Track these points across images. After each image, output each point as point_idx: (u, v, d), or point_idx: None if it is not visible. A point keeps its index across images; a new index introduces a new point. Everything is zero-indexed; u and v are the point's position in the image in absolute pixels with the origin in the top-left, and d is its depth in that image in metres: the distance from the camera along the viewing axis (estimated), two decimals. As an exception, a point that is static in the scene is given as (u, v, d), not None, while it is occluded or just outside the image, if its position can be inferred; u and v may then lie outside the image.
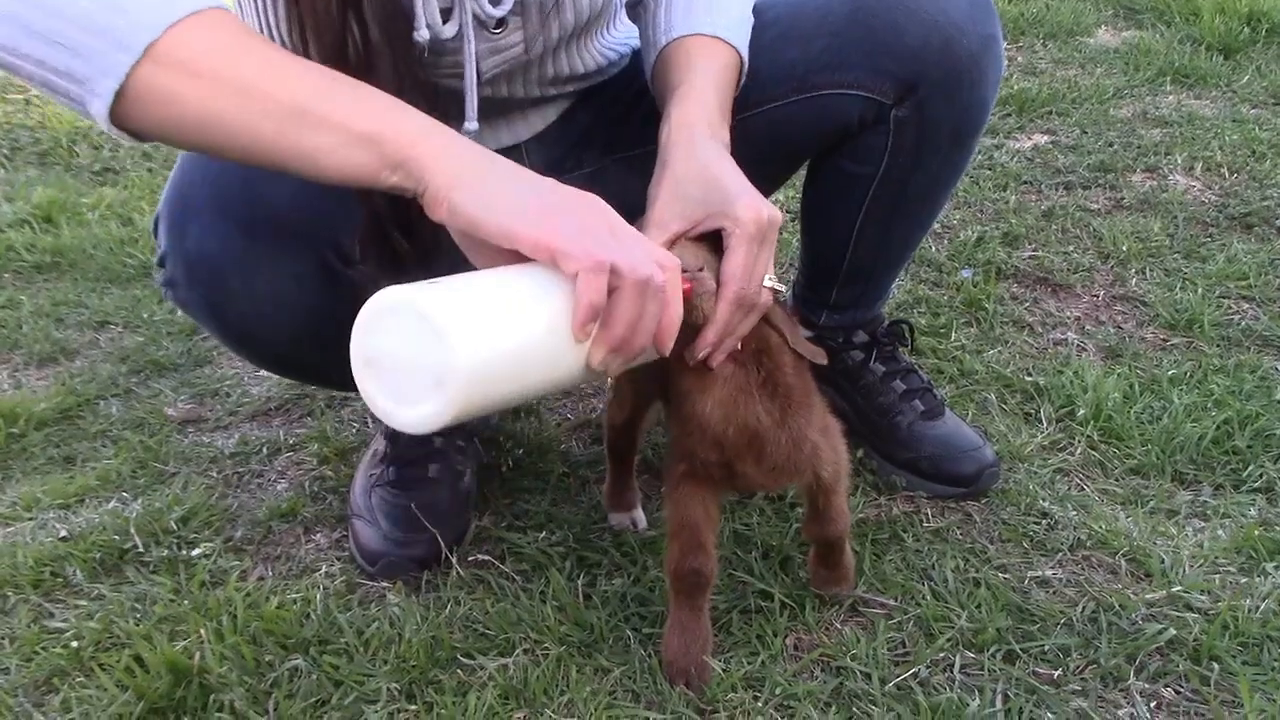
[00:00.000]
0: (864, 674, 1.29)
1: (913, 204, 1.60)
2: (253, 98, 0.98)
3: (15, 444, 1.88)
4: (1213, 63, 3.55)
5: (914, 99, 1.45)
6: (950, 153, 1.55)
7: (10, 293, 2.46)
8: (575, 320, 0.97)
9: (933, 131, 1.49)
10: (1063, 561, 1.48)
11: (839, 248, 1.63)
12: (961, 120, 1.51)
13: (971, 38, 1.42)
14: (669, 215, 1.17)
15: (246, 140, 0.99)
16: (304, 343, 1.33)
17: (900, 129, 1.48)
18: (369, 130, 0.99)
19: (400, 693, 1.28)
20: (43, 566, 1.52)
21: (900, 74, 1.43)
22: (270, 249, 1.26)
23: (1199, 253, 2.39)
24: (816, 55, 1.45)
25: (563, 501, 1.65)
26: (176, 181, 1.29)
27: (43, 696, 1.31)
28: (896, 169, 1.52)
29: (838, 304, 1.71)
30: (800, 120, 1.49)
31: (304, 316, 1.32)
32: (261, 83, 0.98)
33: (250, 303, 1.28)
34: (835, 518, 1.34)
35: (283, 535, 1.61)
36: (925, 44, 1.41)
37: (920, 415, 1.69)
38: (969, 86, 1.46)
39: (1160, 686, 1.27)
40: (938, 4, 1.40)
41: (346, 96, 1.00)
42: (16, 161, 3.28)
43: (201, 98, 0.97)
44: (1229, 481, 1.66)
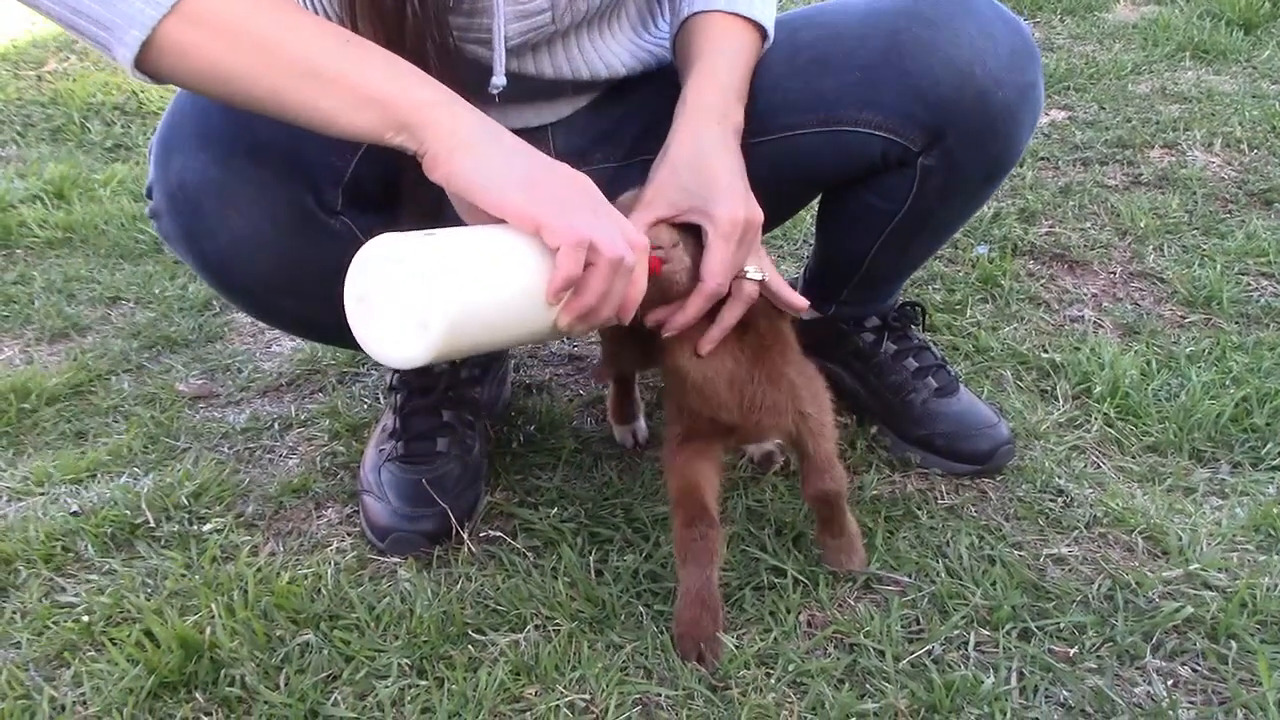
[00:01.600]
0: (878, 651, 1.28)
1: (933, 232, 1.58)
2: (271, 55, 1.04)
3: (27, 419, 1.87)
4: (1233, 38, 3.51)
5: (941, 147, 1.40)
6: (978, 190, 1.51)
7: (22, 268, 2.46)
8: (550, 287, 1.06)
9: (960, 178, 1.45)
10: (1079, 539, 1.47)
11: (853, 263, 1.62)
12: (992, 167, 1.46)
13: (1008, 89, 1.36)
14: (658, 199, 1.23)
15: (262, 94, 1.05)
16: (277, 286, 1.32)
17: (926, 175, 1.43)
18: (377, 93, 1.06)
19: (411, 668, 1.28)
20: (54, 541, 1.52)
21: (929, 122, 1.38)
22: (250, 186, 1.25)
23: (1218, 229, 2.36)
24: (847, 89, 1.40)
25: (574, 477, 1.64)
26: (170, 112, 1.28)
27: (54, 670, 1.31)
28: (921, 208, 1.48)
29: (848, 301, 1.70)
30: (824, 152, 1.45)
31: (277, 260, 1.30)
32: (279, 41, 1.04)
33: (227, 237, 1.26)
34: (826, 467, 1.34)
35: (294, 510, 1.60)
36: (959, 95, 1.35)
37: (934, 393, 1.67)
38: (1002, 138, 1.41)
39: (1177, 665, 1.26)
40: (977, 51, 1.34)
41: (358, 58, 1.05)
42: (29, 138, 3.27)
43: (222, 53, 1.03)
44: (1247, 459, 1.64)
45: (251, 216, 1.26)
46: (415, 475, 1.53)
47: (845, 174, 1.48)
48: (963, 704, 1.20)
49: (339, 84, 1.05)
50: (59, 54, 3.82)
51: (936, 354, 1.73)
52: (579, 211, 1.07)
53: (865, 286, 1.67)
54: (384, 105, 1.05)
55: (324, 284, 1.23)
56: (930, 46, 1.34)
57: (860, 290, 1.68)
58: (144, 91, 3.48)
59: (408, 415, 1.61)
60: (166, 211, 1.29)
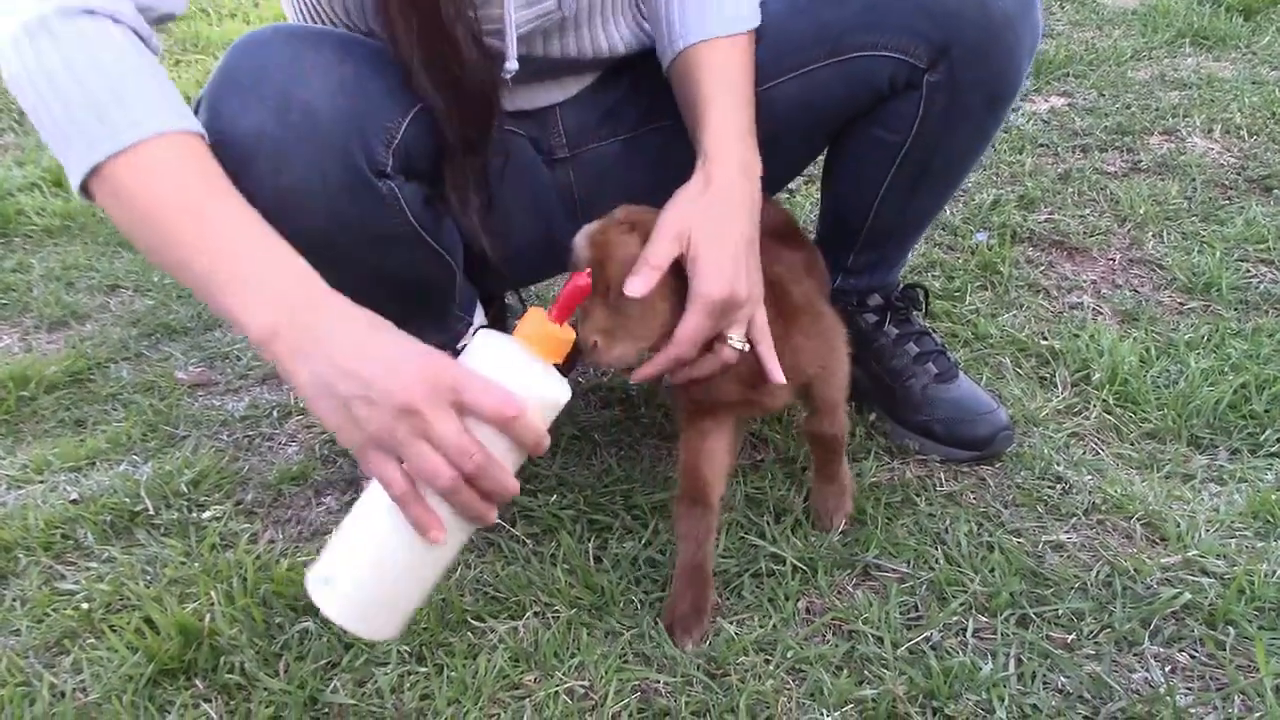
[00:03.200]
0: (876, 638, 1.29)
1: (939, 172, 1.58)
2: (159, 245, 1.07)
3: (26, 407, 1.88)
4: (1232, 24, 3.50)
5: (947, 62, 1.42)
6: (982, 119, 1.52)
7: (21, 256, 2.46)
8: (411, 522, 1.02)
9: (965, 97, 1.47)
10: (1077, 526, 1.47)
11: (860, 212, 1.62)
12: (995, 85, 1.48)
13: (1008, 2, 1.40)
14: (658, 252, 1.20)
15: (158, 263, 1.11)
16: (314, 247, 1.29)
17: (932, 95, 1.45)
18: (230, 312, 1.04)
19: (411, 655, 1.28)
20: (54, 529, 1.52)
21: (934, 36, 1.40)
22: (304, 143, 1.23)
23: (1217, 216, 2.36)
24: (851, 16, 1.43)
25: (573, 465, 1.65)
26: (221, 67, 1.26)
27: (54, 658, 1.31)
28: (927, 136, 1.49)
29: (854, 268, 1.70)
30: (834, 85, 1.47)
31: (323, 219, 1.27)
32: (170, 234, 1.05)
33: (274, 192, 1.22)
34: (826, 411, 1.40)
35: (293, 498, 1.60)
36: (961, 5, 1.39)
37: (934, 378, 1.67)
38: (1004, 51, 1.43)
39: (1175, 651, 1.26)
40: None
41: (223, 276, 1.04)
42: (27, 125, 3.27)
43: (127, 221, 1.07)
44: (1246, 446, 1.64)
45: (302, 173, 1.24)
46: None
47: (855, 106, 1.50)
48: (961, 690, 1.20)
49: (206, 290, 1.06)
50: (56, 41, 3.81)
51: (937, 340, 1.73)
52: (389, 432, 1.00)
53: (871, 247, 1.67)
54: (238, 323, 1.05)
55: (361, 249, 1.29)
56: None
57: (866, 253, 1.68)
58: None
59: None
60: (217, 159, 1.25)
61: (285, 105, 1.22)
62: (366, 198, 1.28)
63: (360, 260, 1.31)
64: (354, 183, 1.27)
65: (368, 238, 1.30)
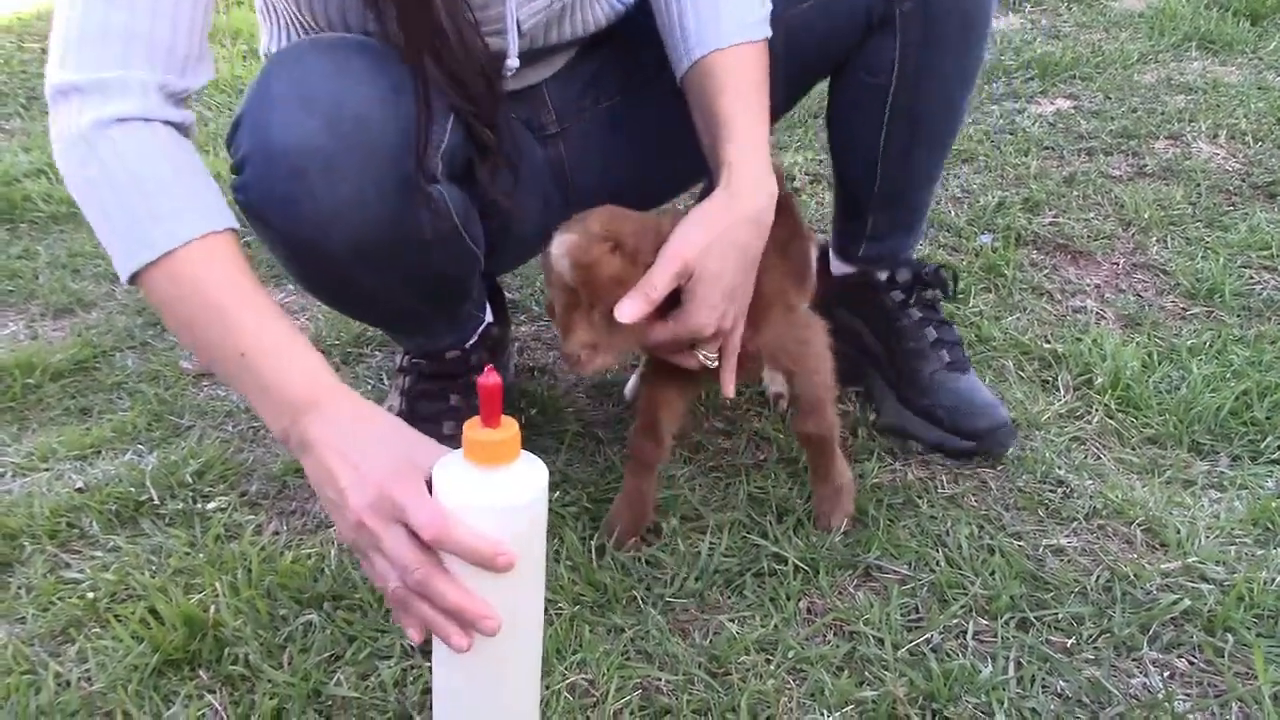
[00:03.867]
0: (877, 639, 1.29)
1: (930, 114, 1.59)
2: (195, 348, 1.18)
3: (32, 395, 1.88)
4: (1239, 28, 3.51)
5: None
6: (959, 48, 1.54)
7: (27, 243, 2.46)
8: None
9: (939, 27, 1.49)
10: (1078, 530, 1.48)
11: (867, 169, 1.63)
12: (968, 8, 1.50)
13: None
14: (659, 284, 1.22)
15: (202, 359, 1.20)
16: (367, 255, 1.32)
17: (906, 25, 1.48)
18: (257, 413, 1.12)
19: (413, 649, 1.28)
20: (59, 517, 1.53)
21: None
22: (357, 153, 1.25)
23: (1221, 221, 2.37)
24: None
25: (576, 461, 1.65)
26: (261, 84, 1.27)
27: (59, 646, 1.32)
28: (909, 74, 1.52)
29: (874, 233, 1.71)
30: (816, 26, 1.50)
31: (373, 228, 1.29)
32: (200, 340, 1.13)
33: (329, 203, 1.25)
34: (810, 410, 1.42)
35: (297, 490, 1.61)
36: None
37: (945, 365, 1.69)
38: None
39: (1174, 657, 1.27)
40: None
41: (251, 375, 1.09)
42: (33, 111, 3.27)
43: (171, 318, 1.14)
44: (1247, 453, 1.65)
45: (356, 183, 1.25)
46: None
47: (836, 45, 1.53)
48: (960, 693, 1.21)
49: (240, 387, 1.13)
50: (63, 27, 3.80)
51: (956, 332, 1.75)
52: (345, 529, 1.05)
53: (885, 207, 1.68)
54: (267, 422, 1.11)
55: (408, 254, 1.33)
56: None
57: (882, 213, 1.68)
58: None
59: (415, 398, 1.62)
60: (261, 178, 1.25)
61: (337, 116, 1.23)
62: (417, 204, 1.31)
63: (403, 263, 1.36)
64: (407, 190, 1.29)
65: (416, 242, 1.34)
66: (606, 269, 1.21)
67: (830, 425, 1.43)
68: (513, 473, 1.01)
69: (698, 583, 1.38)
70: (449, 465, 1.02)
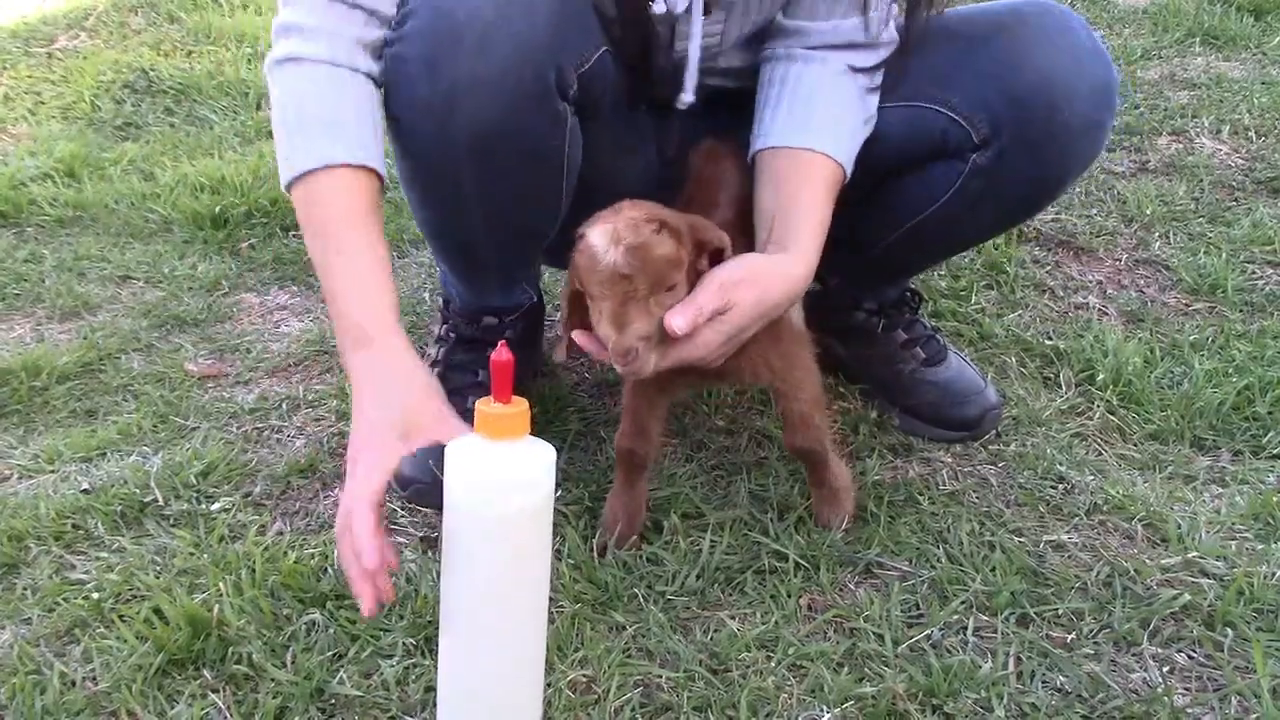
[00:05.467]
0: (877, 635, 1.30)
1: (954, 241, 1.65)
2: (311, 257, 1.34)
3: (38, 397, 1.89)
4: (1243, 24, 3.50)
5: (998, 145, 1.44)
6: (1010, 213, 1.59)
7: (33, 246, 2.48)
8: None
9: (1003, 186, 1.50)
10: (1078, 526, 1.48)
11: (871, 244, 1.65)
12: (1033, 188, 1.52)
13: (1077, 116, 1.42)
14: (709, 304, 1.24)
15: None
16: (485, 142, 1.35)
17: (974, 174, 1.48)
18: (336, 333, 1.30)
19: (416, 648, 1.29)
20: (64, 519, 1.54)
21: (997, 113, 1.43)
22: (513, 36, 1.30)
23: (1224, 217, 2.37)
24: (934, 66, 1.47)
25: (579, 460, 1.66)
26: None
27: (64, 646, 1.33)
28: (953, 210, 1.52)
29: (852, 281, 1.74)
30: (895, 128, 1.50)
31: (501, 111, 1.33)
32: (311, 253, 1.33)
33: (469, 73, 1.30)
34: (797, 425, 1.42)
35: (301, 490, 1.62)
36: (1032, 99, 1.41)
37: (921, 363, 1.73)
38: (1054, 159, 1.46)
39: (1173, 652, 1.27)
40: (1063, 71, 1.40)
41: (330, 306, 1.30)
42: (40, 115, 3.28)
43: (302, 230, 1.34)
44: (1248, 448, 1.66)
45: (500, 63, 1.30)
46: None
47: (903, 153, 1.52)
48: (960, 688, 1.21)
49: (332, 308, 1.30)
50: (69, 31, 3.81)
51: (926, 324, 1.77)
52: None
53: (866, 275, 1.70)
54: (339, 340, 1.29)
55: (514, 158, 1.37)
56: (1025, 47, 1.41)
57: (867, 276, 1.71)
58: (154, 70, 3.48)
59: (449, 368, 1.67)
60: (421, 34, 1.31)
61: (509, 1, 1.30)
62: (545, 111, 1.35)
63: (506, 171, 1.39)
64: (540, 93, 1.34)
65: (526, 149, 1.38)
66: (659, 249, 1.19)
67: (818, 438, 1.43)
68: (521, 447, 1.06)
69: (699, 580, 1.39)
70: (462, 440, 1.07)
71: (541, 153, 1.39)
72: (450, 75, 1.30)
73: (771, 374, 1.40)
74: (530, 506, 1.07)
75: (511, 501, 1.06)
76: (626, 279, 1.17)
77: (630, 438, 1.43)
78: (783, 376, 1.40)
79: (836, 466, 1.47)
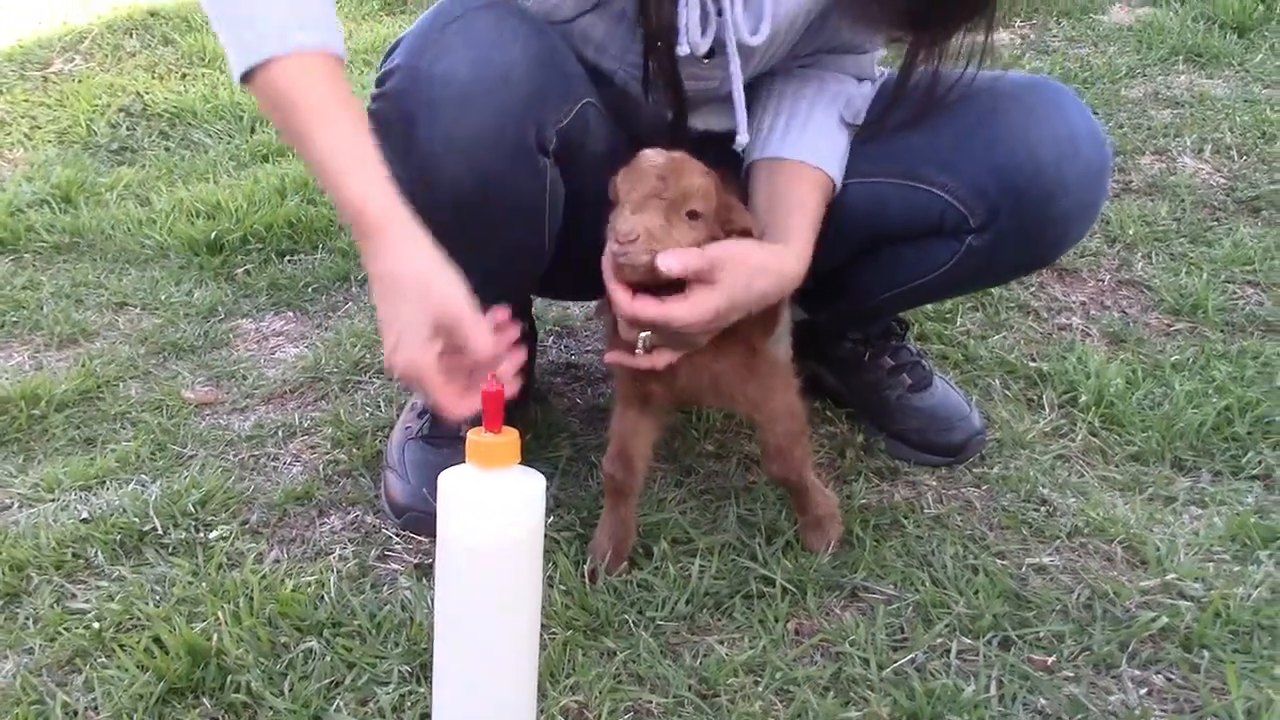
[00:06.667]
0: (862, 659, 1.33)
1: (945, 298, 1.75)
2: (291, 139, 1.25)
3: (37, 425, 1.91)
4: (1226, 41, 3.53)
5: (996, 229, 1.49)
6: (1001, 277, 1.70)
7: (31, 273, 2.50)
8: None
9: (997, 266, 1.57)
10: (1060, 549, 1.51)
11: (857, 295, 1.71)
12: (1026, 264, 1.61)
13: (1072, 202, 1.46)
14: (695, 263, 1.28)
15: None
16: (464, 199, 1.38)
17: (970, 255, 1.52)
18: (340, 202, 1.23)
19: (411, 675, 1.32)
20: (65, 547, 1.56)
21: (994, 200, 1.47)
22: (490, 95, 1.33)
23: (1205, 237, 2.40)
24: (934, 149, 1.51)
25: (570, 486, 1.69)
26: (430, 18, 1.38)
27: (65, 676, 1.35)
28: (947, 280, 1.58)
29: (834, 322, 1.80)
30: (893, 204, 1.54)
31: (483, 172, 1.36)
32: (292, 140, 1.25)
33: (449, 134, 1.33)
34: (775, 456, 1.45)
35: (297, 518, 1.64)
36: (1029, 187, 1.45)
37: (907, 389, 1.76)
38: (1048, 241, 1.52)
39: (1151, 674, 1.30)
40: (1060, 156, 1.44)
41: (324, 185, 1.24)
42: (35, 140, 3.30)
43: (273, 114, 1.26)
44: (1228, 468, 1.69)
45: (480, 122, 1.33)
46: (437, 458, 1.58)
47: (902, 228, 1.57)
48: (943, 711, 1.24)
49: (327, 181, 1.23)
50: (64, 54, 3.84)
51: (912, 350, 1.81)
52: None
53: (856, 319, 1.77)
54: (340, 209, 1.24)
55: (496, 213, 1.40)
56: (1021, 133, 1.45)
57: (850, 319, 1.77)
58: (148, 93, 3.51)
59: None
60: (402, 93, 1.35)
61: (485, 60, 1.33)
62: (524, 168, 1.39)
63: (489, 227, 1.41)
64: (518, 150, 1.37)
65: (508, 204, 1.41)
66: (696, 173, 1.28)
67: (796, 469, 1.46)
68: (511, 476, 1.11)
69: (688, 605, 1.42)
70: (454, 470, 1.12)
71: (523, 208, 1.42)
72: (428, 135, 1.33)
73: (748, 404, 1.44)
74: (521, 535, 1.12)
75: (502, 530, 1.11)
76: (658, 179, 1.26)
77: (614, 462, 1.46)
78: (759, 407, 1.43)
79: (819, 495, 1.50)
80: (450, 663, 1.16)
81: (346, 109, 1.22)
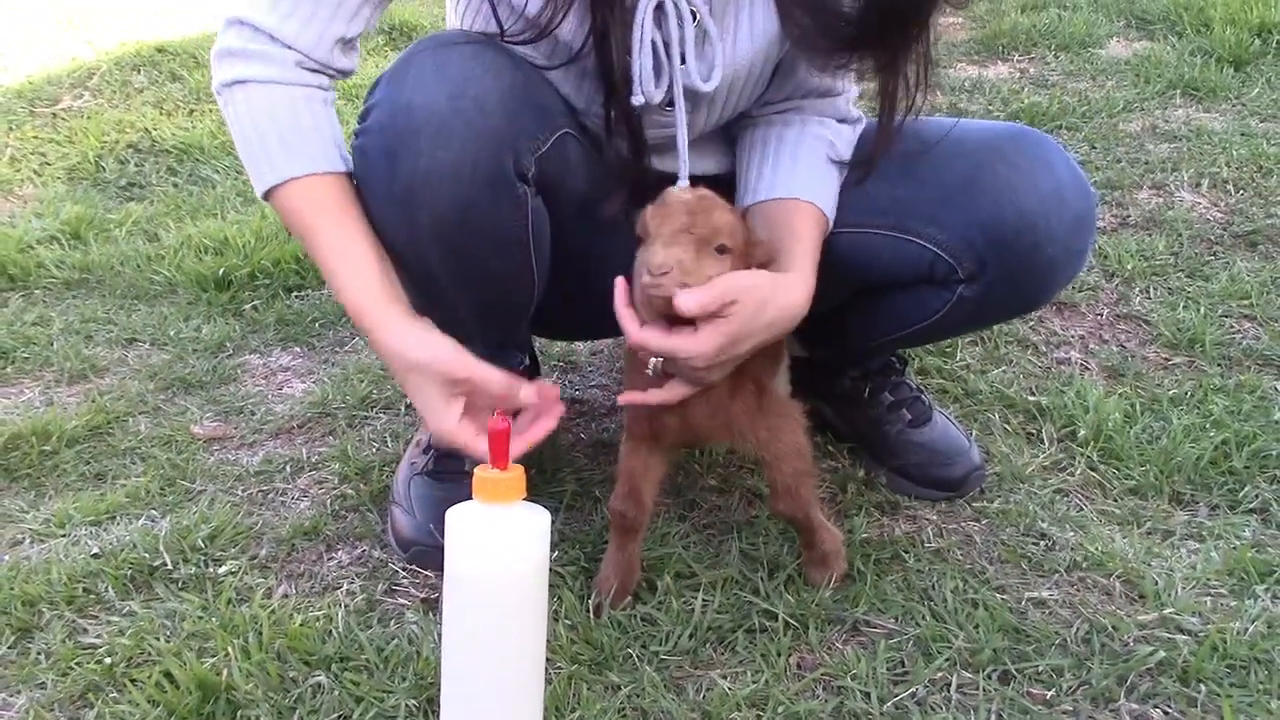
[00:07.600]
0: (863, 693, 1.34)
1: (938, 340, 1.78)
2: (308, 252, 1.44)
3: (48, 461, 1.94)
4: (1223, 75, 3.57)
5: (985, 280, 1.52)
6: (993, 322, 1.78)
7: (41, 309, 2.53)
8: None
9: (986, 313, 1.62)
10: (1059, 583, 1.53)
11: (851, 343, 1.76)
12: (1015, 310, 1.67)
13: (1059, 251, 1.49)
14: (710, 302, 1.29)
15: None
16: (445, 229, 1.41)
17: (961, 303, 1.56)
18: (344, 305, 1.41)
19: (419, 709, 1.34)
20: (76, 583, 1.58)
21: (982, 254, 1.50)
22: (466, 126, 1.36)
23: (1202, 271, 2.43)
24: (922, 202, 1.54)
25: (575, 521, 1.71)
26: (410, 54, 1.43)
27: (77, 711, 1.37)
28: (939, 327, 1.62)
29: (831, 355, 1.84)
30: (883, 254, 1.58)
31: (462, 202, 1.39)
32: (305, 248, 1.44)
33: (426, 166, 1.36)
34: (782, 493, 1.47)
35: (305, 553, 1.66)
36: (1016, 240, 1.48)
37: (907, 424, 1.79)
38: (1036, 290, 1.57)
39: (1149, 708, 1.31)
40: (1045, 206, 1.47)
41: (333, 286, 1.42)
42: (45, 177, 3.35)
43: (289, 229, 1.47)
44: (1225, 502, 1.70)
45: (458, 152, 1.36)
46: (442, 493, 1.61)
47: (892, 277, 1.60)
48: (943, 745, 1.26)
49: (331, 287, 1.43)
50: (73, 90, 3.89)
51: (911, 385, 1.84)
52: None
53: (854, 356, 1.81)
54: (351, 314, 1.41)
55: (478, 243, 1.43)
56: (1007, 186, 1.48)
57: (848, 357, 1.82)
58: (156, 129, 3.55)
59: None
60: (382, 127, 1.39)
61: (460, 92, 1.36)
62: (503, 197, 1.41)
63: (473, 255, 1.45)
64: (495, 179, 1.39)
65: (488, 233, 1.43)
66: (723, 210, 1.32)
67: (802, 508, 1.48)
68: (516, 512, 1.15)
69: (691, 640, 1.43)
70: (460, 506, 1.16)
71: (505, 235, 1.44)
72: (409, 167, 1.36)
73: (757, 443, 1.45)
74: (526, 569, 1.15)
75: (508, 565, 1.14)
76: (688, 215, 1.28)
77: (624, 500, 1.48)
78: (767, 447, 1.45)
79: (825, 531, 1.52)
80: (456, 696, 1.18)
81: (341, 226, 1.40)
